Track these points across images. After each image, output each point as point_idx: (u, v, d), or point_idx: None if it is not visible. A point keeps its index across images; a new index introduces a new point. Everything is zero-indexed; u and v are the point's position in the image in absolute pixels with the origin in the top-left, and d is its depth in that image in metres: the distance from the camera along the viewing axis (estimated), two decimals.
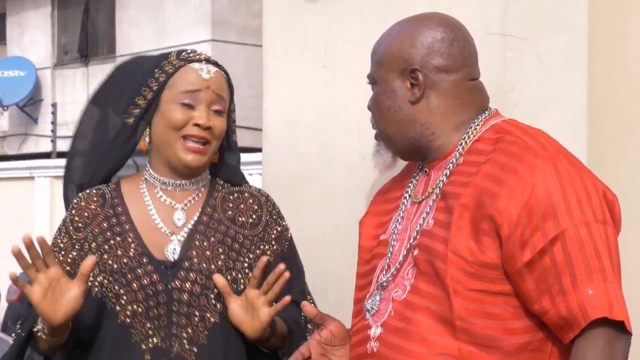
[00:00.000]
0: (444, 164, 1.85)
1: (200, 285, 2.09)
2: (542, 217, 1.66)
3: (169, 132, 2.11)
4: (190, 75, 2.11)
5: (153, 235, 2.13)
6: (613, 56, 2.35)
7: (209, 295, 2.09)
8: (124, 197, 2.18)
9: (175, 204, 2.16)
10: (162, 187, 2.17)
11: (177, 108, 2.10)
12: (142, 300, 2.07)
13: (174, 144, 2.11)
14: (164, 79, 2.12)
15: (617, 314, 1.61)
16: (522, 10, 2.19)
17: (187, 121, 2.10)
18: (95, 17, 15.77)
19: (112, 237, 2.13)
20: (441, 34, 1.85)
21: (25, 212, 12.29)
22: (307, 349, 1.96)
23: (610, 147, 2.34)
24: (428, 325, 1.74)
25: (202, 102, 2.10)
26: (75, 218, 2.17)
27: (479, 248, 1.70)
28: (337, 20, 2.50)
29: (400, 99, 1.85)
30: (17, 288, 7.78)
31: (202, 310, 2.09)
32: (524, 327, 1.71)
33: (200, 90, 2.10)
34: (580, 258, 1.64)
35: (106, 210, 2.16)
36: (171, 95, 2.11)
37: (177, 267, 2.09)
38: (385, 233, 1.93)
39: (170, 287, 2.08)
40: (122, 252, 2.11)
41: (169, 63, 2.13)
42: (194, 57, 2.14)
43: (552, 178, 1.67)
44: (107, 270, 2.10)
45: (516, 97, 2.02)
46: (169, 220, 2.15)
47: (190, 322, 2.08)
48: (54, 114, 15.57)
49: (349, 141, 2.46)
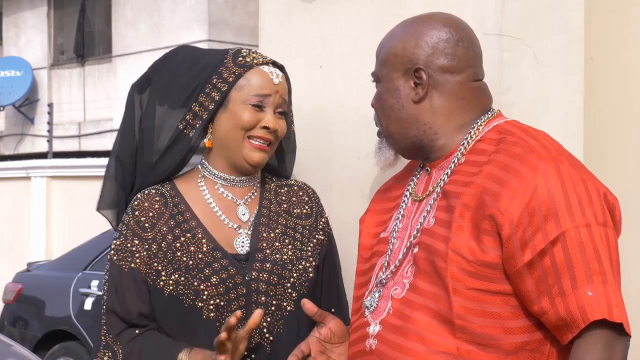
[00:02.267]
0: (445, 164, 1.85)
1: (277, 275, 2.14)
2: (543, 218, 1.66)
3: (237, 132, 2.16)
4: (262, 79, 2.17)
5: (220, 230, 2.17)
6: (609, 56, 2.36)
7: (286, 284, 2.14)
8: (183, 195, 2.20)
9: (236, 199, 2.21)
10: (223, 183, 2.21)
11: (247, 109, 2.15)
12: (224, 293, 2.10)
13: (241, 142, 2.16)
14: (234, 79, 2.16)
15: (616, 315, 1.62)
16: (519, 11, 2.19)
17: (256, 123, 2.15)
18: (91, 17, 15.75)
19: (181, 234, 2.15)
20: (446, 34, 1.85)
21: (21, 212, 12.27)
22: (306, 346, 1.97)
23: (606, 147, 2.34)
24: (427, 323, 1.74)
25: (270, 106, 2.17)
26: (142, 218, 2.17)
27: (479, 247, 1.71)
28: (333, 20, 2.50)
29: (404, 98, 1.86)
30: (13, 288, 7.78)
31: (279, 299, 2.14)
32: (522, 326, 1.71)
33: (270, 94, 2.17)
34: (580, 260, 1.64)
35: (170, 209, 2.18)
36: (241, 96, 2.16)
37: (252, 259, 2.14)
38: (386, 231, 1.94)
39: (248, 278, 2.11)
40: (195, 249, 2.13)
41: (228, 69, 2.17)
42: (259, 61, 2.19)
43: (554, 179, 1.68)
44: (182, 267, 2.11)
45: (512, 97, 2.02)
46: (233, 215, 2.19)
47: (268, 311, 2.12)
48: (50, 114, 15.55)
49: (346, 141, 2.46)
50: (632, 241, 1.82)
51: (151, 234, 2.15)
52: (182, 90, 2.20)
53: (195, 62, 2.23)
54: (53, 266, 7.94)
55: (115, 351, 2.10)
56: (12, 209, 12.43)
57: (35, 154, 15.07)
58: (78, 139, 15.51)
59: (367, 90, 2.32)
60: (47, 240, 12.20)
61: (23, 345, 5.44)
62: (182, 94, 2.20)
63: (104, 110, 14.88)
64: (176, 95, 2.21)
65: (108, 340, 2.12)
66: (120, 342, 2.10)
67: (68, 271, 7.21)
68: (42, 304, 7.51)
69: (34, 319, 7.52)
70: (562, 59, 2.22)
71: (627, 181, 2.30)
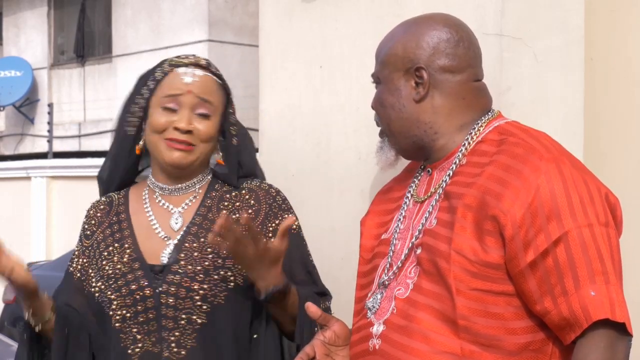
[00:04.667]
0: (447, 164, 1.86)
1: (185, 288, 2.09)
2: (545, 219, 1.67)
3: (154, 136, 2.16)
4: (174, 80, 2.16)
5: (150, 240, 2.16)
6: (609, 56, 2.36)
7: (194, 297, 2.09)
8: (129, 204, 2.23)
9: (172, 208, 2.19)
10: (160, 192, 2.21)
11: (159, 112, 2.15)
12: (131, 305, 2.10)
13: (159, 145, 2.15)
14: (153, 86, 2.18)
15: (618, 315, 1.62)
16: (519, 11, 2.19)
17: (168, 125, 2.13)
18: (91, 17, 15.75)
19: (112, 243, 2.18)
20: (447, 34, 1.86)
21: (21, 212, 12.27)
22: (311, 349, 1.97)
23: (606, 147, 2.34)
24: (431, 323, 1.74)
25: (186, 107, 2.14)
26: (86, 226, 2.26)
27: (482, 248, 1.71)
28: (333, 20, 2.50)
29: (405, 98, 1.87)
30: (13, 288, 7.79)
31: (188, 312, 2.09)
32: (525, 327, 1.72)
33: (181, 94, 2.14)
34: (583, 260, 1.65)
35: (110, 218, 2.23)
36: (156, 100, 2.17)
37: (167, 271, 2.10)
38: (387, 232, 1.94)
39: (158, 291, 2.09)
40: (117, 259, 2.15)
41: (161, 70, 2.19)
42: (181, 62, 2.18)
43: (556, 180, 1.68)
44: (104, 276, 2.15)
45: (512, 97, 2.02)
46: (167, 225, 2.17)
47: (177, 325, 2.09)
48: (50, 114, 15.55)
49: (346, 141, 2.46)
50: (631, 241, 1.82)
51: (90, 242, 2.23)
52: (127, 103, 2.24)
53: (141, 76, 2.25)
54: (53, 266, 7.94)
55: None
56: (12, 209, 12.44)
57: (35, 154, 15.07)
58: (78, 139, 15.51)
59: (367, 91, 2.32)
60: (47, 241, 12.21)
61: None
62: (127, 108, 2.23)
63: (104, 111, 14.88)
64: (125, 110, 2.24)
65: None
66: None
67: None
68: None
69: None
70: (562, 59, 2.22)
71: (627, 181, 2.30)
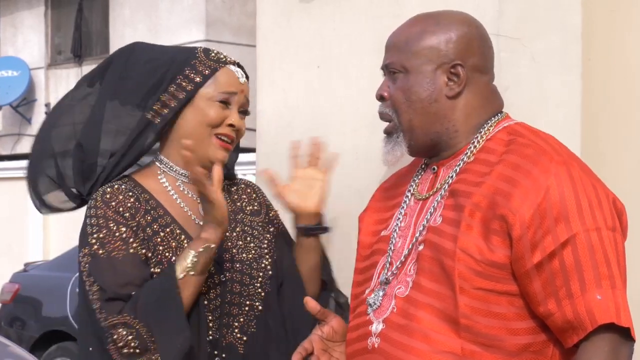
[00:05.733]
0: (454, 162, 1.85)
1: (248, 275, 2.14)
2: (554, 220, 1.67)
3: (202, 128, 2.14)
4: (229, 77, 2.16)
5: (192, 227, 2.14)
6: (607, 56, 2.36)
7: (255, 283, 2.15)
8: (150, 192, 2.15)
9: (196, 197, 2.15)
10: (184, 180, 2.18)
11: (214, 106, 2.14)
12: (205, 292, 2.08)
13: (207, 140, 2.13)
14: (201, 80, 2.14)
15: (624, 320, 1.63)
16: (516, 11, 2.19)
17: (222, 120, 2.14)
18: (88, 17, 15.73)
19: (160, 229, 2.11)
20: (477, 33, 1.86)
21: (18, 212, 12.26)
22: (309, 344, 1.97)
23: (604, 147, 2.34)
24: (431, 322, 1.74)
25: (236, 104, 2.16)
26: (120, 209, 2.09)
27: (488, 247, 1.71)
28: (331, 20, 2.50)
29: (438, 92, 1.84)
30: (10, 288, 7.77)
31: (251, 299, 2.14)
32: (526, 328, 1.72)
33: (236, 92, 2.16)
34: (590, 263, 1.65)
35: (144, 204, 2.13)
36: (208, 93, 2.14)
37: (222, 259, 2.12)
38: (387, 229, 1.93)
39: (224, 278, 2.11)
40: (175, 244, 2.10)
41: (201, 62, 2.15)
42: (229, 60, 2.19)
43: (565, 182, 1.69)
44: (164, 262, 2.08)
45: (510, 97, 2.02)
46: (198, 213, 2.16)
47: (241, 311, 2.12)
48: (47, 114, 15.53)
49: (343, 141, 2.46)
50: (630, 241, 1.82)
51: (135, 222, 2.09)
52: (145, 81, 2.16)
53: (159, 55, 2.20)
54: (50, 266, 7.94)
55: (127, 323, 1.98)
56: (10, 209, 12.43)
57: None
58: None
59: (365, 91, 2.32)
60: (45, 241, 12.20)
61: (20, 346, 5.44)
62: (144, 85, 2.16)
63: None
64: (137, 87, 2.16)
65: (113, 322, 1.99)
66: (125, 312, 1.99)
67: (65, 271, 7.20)
68: (39, 304, 7.51)
69: (31, 319, 7.52)
70: (560, 59, 2.22)
71: (625, 181, 2.30)
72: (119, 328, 1.98)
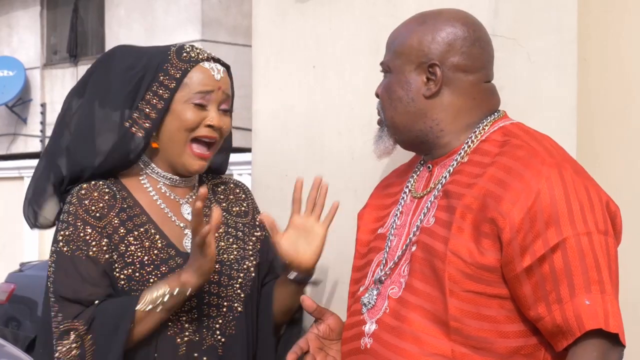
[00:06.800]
0: (448, 162, 1.85)
1: (227, 276, 2.12)
2: (544, 224, 1.66)
3: (181, 134, 2.11)
4: (203, 76, 2.12)
5: (170, 228, 2.13)
6: (603, 56, 2.36)
7: (234, 284, 2.13)
8: (129, 191, 2.14)
9: (179, 199, 2.17)
10: (166, 182, 2.17)
11: (189, 109, 2.10)
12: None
13: (183, 146, 2.11)
14: (175, 85, 2.10)
15: (612, 326, 1.62)
16: (512, 11, 2.19)
17: (199, 122, 2.10)
18: (84, 17, 15.72)
19: (133, 228, 2.09)
20: (464, 33, 1.84)
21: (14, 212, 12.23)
22: (305, 342, 1.97)
23: (599, 147, 2.34)
24: (422, 324, 1.74)
25: (214, 103, 2.12)
26: (92, 207, 2.08)
27: (478, 250, 1.70)
28: (327, 20, 2.50)
29: (414, 92, 1.85)
30: (6, 288, 7.76)
31: (230, 300, 2.12)
32: (517, 331, 1.71)
33: (212, 90, 2.11)
34: (579, 268, 1.64)
35: (119, 202, 2.11)
36: (184, 95, 2.11)
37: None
38: (384, 227, 1.94)
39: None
40: (149, 244, 2.08)
41: (173, 65, 2.11)
42: (203, 56, 2.14)
43: (557, 185, 1.67)
44: (135, 262, 2.06)
45: (506, 97, 2.02)
46: (179, 214, 2.15)
47: (219, 312, 2.10)
48: (43, 114, 15.52)
49: (339, 141, 2.45)
50: (626, 242, 1.82)
51: (103, 223, 2.08)
52: (123, 89, 2.13)
53: (136, 61, 2.16)
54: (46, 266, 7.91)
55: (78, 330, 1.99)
56: (5, 209, 12.41)
57: (28, 154, 15.03)
58: None
59: (361, 91, 2.32)
60: (40, 241, 12.18)
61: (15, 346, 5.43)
62: (122, 93, 2.12)
63: None
64: (116, 95, 2.13)
65: (67, 326, 2.01)
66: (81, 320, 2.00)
67: None
68: (34, 304, 7.49)
69: (26, 319, 7.50)
70: (556, 59, 2.22)
71: (620, 181, 2.30)
72: (71, 333, 2.00)
